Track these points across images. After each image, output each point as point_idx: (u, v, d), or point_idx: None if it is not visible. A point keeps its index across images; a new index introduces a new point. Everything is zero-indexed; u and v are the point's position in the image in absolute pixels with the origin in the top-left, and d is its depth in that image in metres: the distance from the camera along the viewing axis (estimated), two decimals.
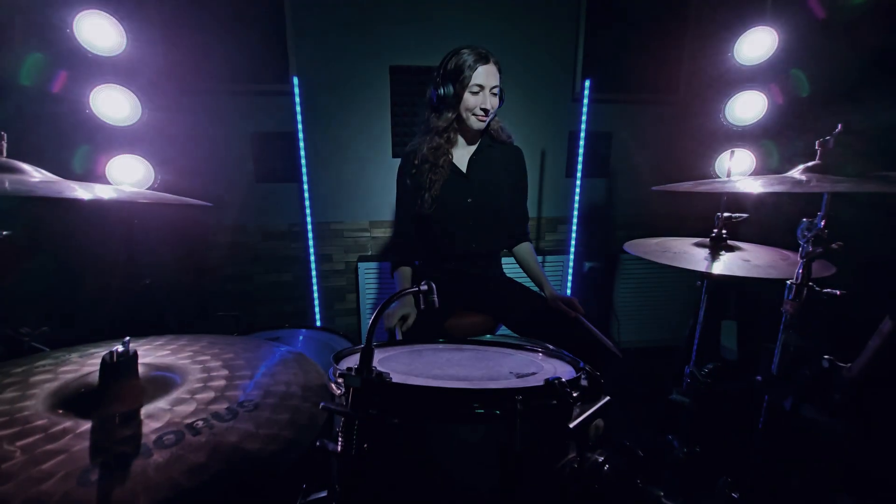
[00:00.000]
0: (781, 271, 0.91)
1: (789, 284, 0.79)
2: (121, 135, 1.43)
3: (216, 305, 2.53)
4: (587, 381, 0.59)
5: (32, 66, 1.32)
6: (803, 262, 0.76)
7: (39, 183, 0.70)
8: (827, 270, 0.96)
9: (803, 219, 0.75)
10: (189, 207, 2.19)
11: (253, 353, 0.86)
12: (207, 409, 0.63)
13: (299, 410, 0.68)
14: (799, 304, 0.77)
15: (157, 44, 1.86)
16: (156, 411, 0.62)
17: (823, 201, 0.77)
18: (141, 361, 0.72)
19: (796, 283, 0.78)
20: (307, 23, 2.32)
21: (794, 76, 1.52)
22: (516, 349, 0.82)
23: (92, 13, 1.29)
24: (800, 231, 0.76)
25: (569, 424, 0.48)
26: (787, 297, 0.79)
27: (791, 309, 0.78)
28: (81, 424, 0.58)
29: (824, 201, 0.77)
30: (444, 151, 1.54)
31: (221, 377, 0.73)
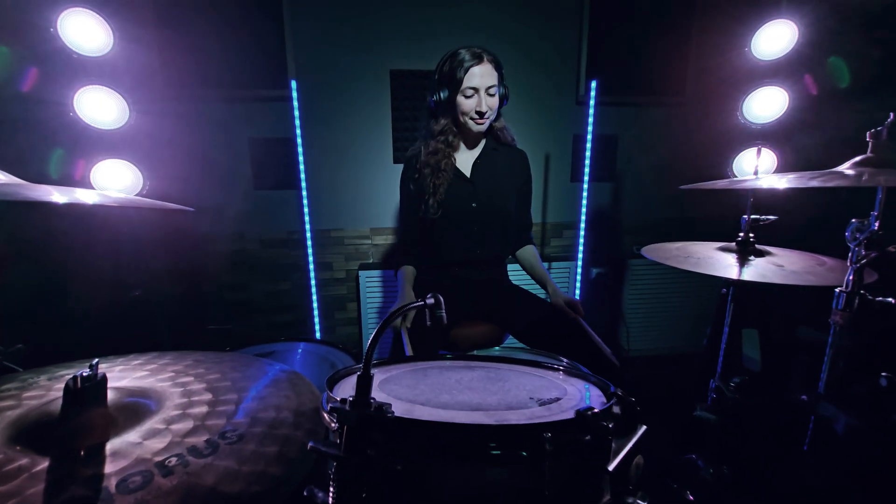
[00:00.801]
0: (821, 278, 0.82)
1: (838, 293, 0.71)
2: (107, 138, 1.36)
3: (213, 315, 2.46)
4: (620, 408, 0.51)
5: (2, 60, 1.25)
6: (854, 267, 0.69)
7: (3, 186, 0.63)
8: (868, 276, 0.88)
9: (853, 220, 0.68)
10: (184, 215, 2.13)
11: (241, 373, 0.78)
12: (183, 442, 0.55)
13: (290, 441, 0.60)
14: (850, 315, 0.69)
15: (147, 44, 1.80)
16: (123, 446, 0.54)
17: (877, 199, 0.69)
18: (113, 385, 0.65)
19: (846, 292, 0.70)
20: (306, 25, 2.28)
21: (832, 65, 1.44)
22: (531, 366, 0.74)
23: (77, 11, 1.23)
24: (849, 233, 0.68)
25: (608, 466, 0.40)
26: (837, 306, 0.71)
27: (841, 320, 0.70)
28: (39, 462, 0.51)
29: (878, 199, 0.69)
30: (445, 155, 1.48)
31: (203, 402, 0.65)
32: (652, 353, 2.75)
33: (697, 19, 2.53)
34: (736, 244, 1.04)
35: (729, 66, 1.64)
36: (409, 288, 1.49)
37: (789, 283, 0.85)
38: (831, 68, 1.45)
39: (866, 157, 0.71)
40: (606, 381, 0.58)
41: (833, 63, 1.45)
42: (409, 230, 1.58)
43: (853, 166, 0.71)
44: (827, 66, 1.45)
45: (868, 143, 0.70)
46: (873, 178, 0.63)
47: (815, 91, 1.49)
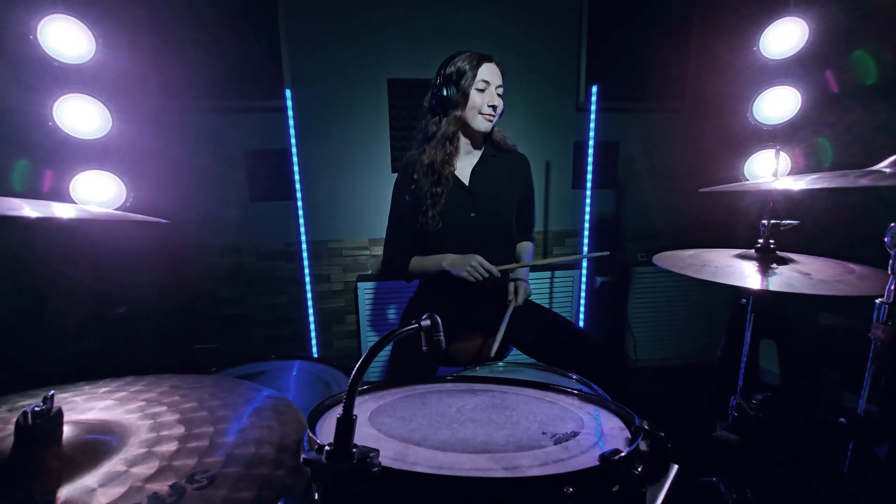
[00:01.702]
0: (854, 287, 0.76)
1: (879, 304, 0.64)
2: (88, 149, 1.31)
3: (208, 331, 2.39)
4: (647, 444, 0.44)
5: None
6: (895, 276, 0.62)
7: None
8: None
9: (892, 223, 0.61)
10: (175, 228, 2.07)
11: (221, 400, 0.71)
12: (144, 488, 0.47)
13: (269, 483, 0.53)
14: (893, 328, 0.63)
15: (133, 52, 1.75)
16: (77, 493, 0.47)
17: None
18: (72, 419, 0.58)
19: (888, 303, 0.63)
20: (302, 34, 2.25)
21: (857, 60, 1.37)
22: (541, 389, 0.67)
23: (58, 18, 1.19)
24: (889, 237, 0.61)
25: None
26: (878, 320, 0.64)
27: (883, 335, 0.63)
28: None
29: None
30: (447, 163, 1.42)
31: (174, 437, 0.58)
32: (660, 364, 2.67)
33: (698, 21, 2.51)
34: (755, 251, 0.98)
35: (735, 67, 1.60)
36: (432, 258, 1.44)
37: (820, 294, 0.78)
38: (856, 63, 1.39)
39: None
40: (630, 411, 0.51)
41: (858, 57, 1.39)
42: (400, 239, 1.50)
43: (893, 164, 0.65)
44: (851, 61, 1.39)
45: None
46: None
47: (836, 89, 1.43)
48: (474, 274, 1.33)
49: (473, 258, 1.33)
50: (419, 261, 1.47)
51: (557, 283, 2.53)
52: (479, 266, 1.33)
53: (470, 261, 1.33)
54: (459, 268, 1.34)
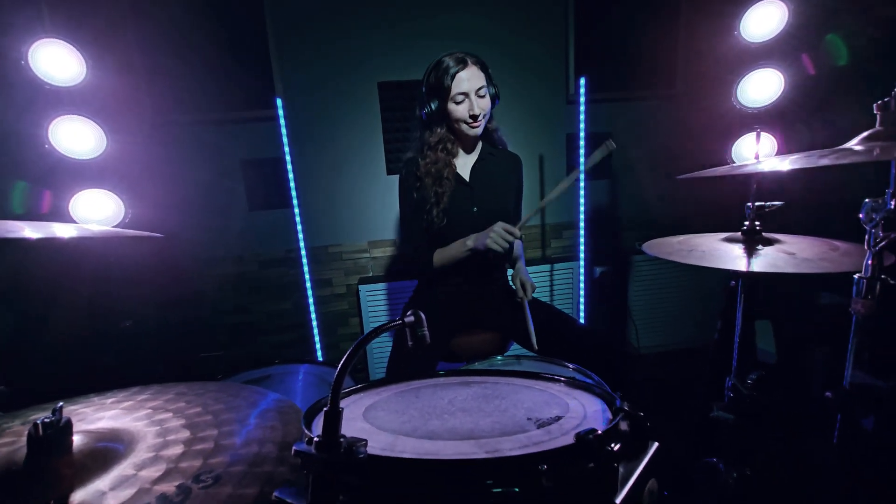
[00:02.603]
0: (837, 264, 0.77)
1: (858, 279, 0.66)
2: (85, 169, 1.34)
3: (213, 340, 2.42)
4: (628, 424, 0.46)
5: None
6: (873, 251, 0.64)
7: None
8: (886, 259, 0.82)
9: (866, 199, 0.63)
10: (177, 242, 2.11)
11: (225, 404, 0.73)
12: (152, 490, 0.50)
13: (273, 480, 0.55)
14: (872, 303, 0.64)
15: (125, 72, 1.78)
16: (89, 497, 0.49)
17: (892, 175, 0.64)
18: (82, 429, 0.61)
19: (867, 278, 0.65)
20: (291, 44, 2.27)
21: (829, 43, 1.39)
22: (531, 378, 0.69)
23: (48, 42, 1.22)
24: (864, 214, 0.63)
25: (615, 499, 0.35)
26: (857, 294, 0.66)
27: (863, 309, 0.65)
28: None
29: (893, 175, 0.64)
30: (446, 163, 1.46)
31: (179, 441, 0.60)
32: (662, 350, 2.69)
33: (685, 6, 2.51)
34: (742, 234, 0.99)
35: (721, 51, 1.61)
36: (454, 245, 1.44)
37: (804, 272, 0.80)
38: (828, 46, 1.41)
39: (876, 130, 0.66)
40: (612, 392, 0.53)
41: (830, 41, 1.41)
42: (416, 236, 1.51)
43: (863, 141, 0.66)
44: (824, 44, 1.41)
45: (876, 115, 0.66)
46: (887, 152, 0.59)
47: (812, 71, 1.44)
48: (499, 241, 1.32)
49: (495, 226, 1.33)
50: (442, 252, 1.47)
51: (557, 275, 2.54)
52: (501, 231, 1.32)
53: (492, 230, 1.33)
54: (483, 239, 1.34)
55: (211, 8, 2.05)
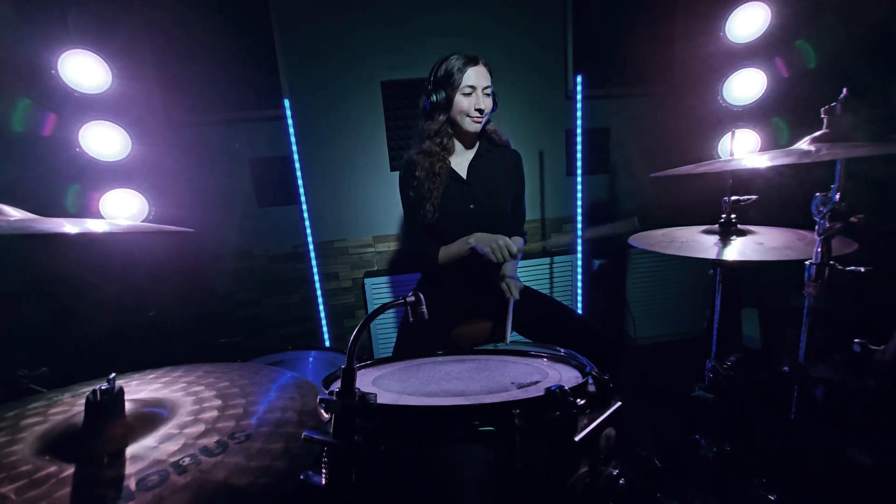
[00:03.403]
0: (800, 252, 0.85)
1: (808, 265, 0.74)
2: (113, 170, 1.44)
3: (227, 332, 2.53)
4: (595, 387, 0.54)
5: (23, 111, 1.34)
6: (821, 239, 0.71)
7: (16, 221, 0.69)
8: (848, 247, 0.90)
9: (816, 193, 0.70)
10: (193, 238, 2.21)
11: (249, 380, 0.83)
12: (196, 444, 0.59)
13: (294, 438, 0.64)
14: (822, 286, 0.72)
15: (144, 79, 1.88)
16: (141, 450, 0.59)
17: (837, 172, 0.71)
18: (130, 398, 0.70)
19: (816, 263, 0.72)
20: (296, 46, 2.35)
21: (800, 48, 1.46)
22: (521, 356, 0.78)
23: (75, 53, 1.31)
24: (814, 206, 0.70)
25: (574, 437, 0.43)
26: (808, 279, 0.73)
27: (814, 291, 0.73)
28: (66, 469, 0.56)
29: (837, 172, 0.71)
30: (440, 158, 1.50)
31: (214, 408, 0.70)
32: (659, 340, 2.76)
33: (682, 4, 2.55)
34: (719, 226, 1.07)
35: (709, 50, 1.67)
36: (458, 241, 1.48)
37: (769, 259, 0.87)
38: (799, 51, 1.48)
39: (823, 132, 0.73)
40: (585, 362, 0.62)
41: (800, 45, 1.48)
42: (417, 231, 1.58)
43: (811, 142, 0.74)
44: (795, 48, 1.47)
45: (823, 118, 0.73)
46: (831, 152, 0.66)
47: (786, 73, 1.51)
48: (497, 253, 1.35)
49: (500, 238, 1.37)
50: (446, 249, 1.52)
51: (556, 268, 2.61)
52: (503, 247, 1.35)
53: (497, 240, 1.36)
54: (485, 244, 1.38)
55: (219, 14, 2.13)
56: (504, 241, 1.36)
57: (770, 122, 1.52)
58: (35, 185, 1.09)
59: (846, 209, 0.68)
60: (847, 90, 0.70)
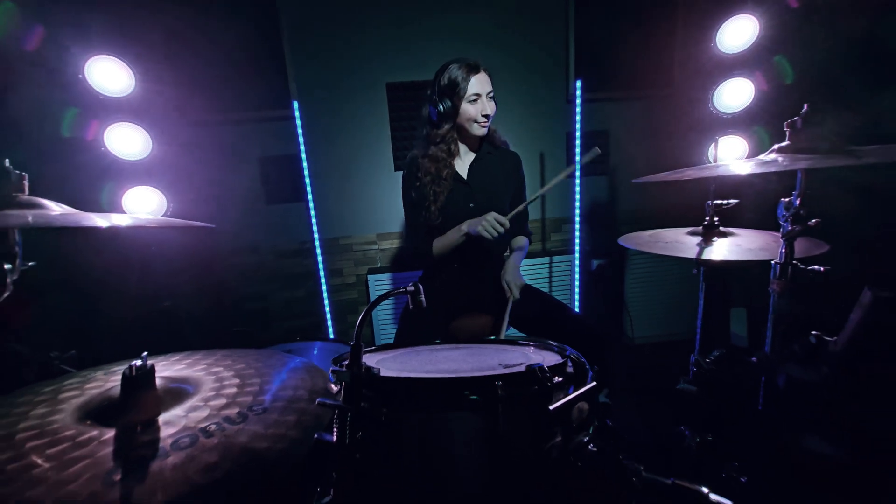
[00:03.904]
0: (773, 253, 0.91)
1: (774, 264, 0.80)
2: (134, 168, 1.53)
3: (235, 324, 2.61)
4: (573, 369, 0.62)
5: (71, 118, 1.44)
6: (785, 241, 0.78)
7: (59, 216, 0.77)
8: (819, 248, 0.97)
9: (782, 199, 0.77)
10: (204, 233, 2.29)
11: (263, 363, 0.90)
12: (219, 414, 0.67)
13: (306, 412, 0.72)
14: (785, 283, 0.78)
15: (163, 82, 1.98)
16: (172, 418, 0.66)
17: (798, 180, 0.78)
18: (158, 375, 0.78)
19: (780, 263, 0.79)
20: (304, 48, 2.42)
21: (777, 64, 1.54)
22: (512, 345, 0.85)
23: (101, 58, 1.40)
24: (780, 211, 0.77)
25: (549, 407, 0.50)
26: (774, 276, 0.80)
27: (778, 288, 0.79)
28: (106, 433, 0.64)
29: (798, 180, 0.78)
30: (446, 164, 1.57)
31: (233, 385, 0.77)
32: (655, 340, 2.81)
33: (682, 10, 2.60)
34: (703, 228, 1.14)
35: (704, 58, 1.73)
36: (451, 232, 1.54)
37: (745, 259, 0.94)
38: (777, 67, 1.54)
39: (786, 144, 0.80)
40: (568, 349, 0.69)
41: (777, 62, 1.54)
42: (417, 230, 1.64)
43: (775, 152, 0.80)
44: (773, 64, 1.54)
45: (786, 131, 0.80)
46: (791, 162, 0.73)
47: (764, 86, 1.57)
48: (489, 229, 1.41)
49: (489, 215, 1.42)
50: (440, 240, 1.58)
51: (555, 268, 2.68)
52: (493, 221, 1.41)
53: (485, 218, 1.42)
54: (476, 225, 1.44)
55: (231, 20, 2.21)
56: (492, 216, 1.41)
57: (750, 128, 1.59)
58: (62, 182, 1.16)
59: (807, 214, 0.75)
60: (808, 106, 0.77)
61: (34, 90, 1.39)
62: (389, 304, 2.59)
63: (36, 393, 0.77)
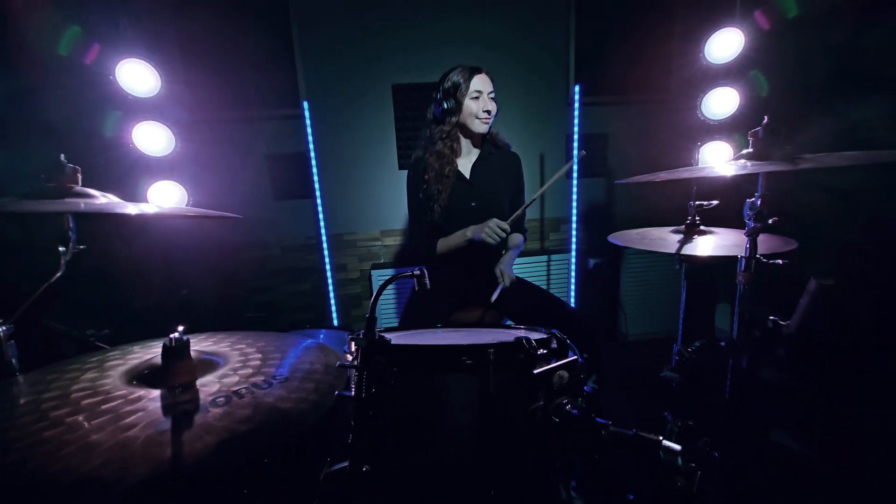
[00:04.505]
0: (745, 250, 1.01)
1: (740, 258, 0.90)
2: (159, 164, 1.64)
3: (243, 316, 2.71)
4: (557, 345, 0.71)
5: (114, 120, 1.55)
6: (749, 237, 0.87)
7: (105, 204, 0.86)
8: (789, 245, 1.06)
9: (747, 199, 0.86)
10: (217, 227, 2.39)
11: (281, 342, 1.00)
12: (248, 380, 0.77)
13: (322, 382, 0.82)
14: (750, 275, 0.88)
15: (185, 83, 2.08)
16: (207, 383, 0.76)
17: (759, 182, 0.87)
18: (193, 349, 0.88)
19: (745, 257, 0.88)
20: (314, 51, 2.52)
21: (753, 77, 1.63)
22: (506, 329, 0.95)
23: (131, 61, 1.50)
24: (745, 210, 0.86)
25: (533, 371, 0.60)
26: (740, 269, 0.89)
27: (744, 280, 0.89)
28: (152, 392, 0.74)
29: (759, 182, 0.87)
30: (449, 161, 1.65)
31: (256, 359, 0.87)
32: (649, 337, 2.89)
33: (679, 20, 2.69)
34: (685, 227, 1.23)
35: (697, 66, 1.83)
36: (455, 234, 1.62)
37: (718, 255, 1.04)
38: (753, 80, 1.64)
39: (749, 151, 0.89)
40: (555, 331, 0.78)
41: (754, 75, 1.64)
42: (420, 228, 1.73)
43: (739, 158, 0.90)
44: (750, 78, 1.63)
45: (749, 140, 0.89)
46: (756, 167, 0.82)
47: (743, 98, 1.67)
48: (492, 234, 1.50)
49: (490, 222, 1.52)
50: (444, 241, 1.67)
51: (553, 266, 2.76)
52: (495, 227, 1.50)
53: (488, 224, 1.51)
54: (480, 232, 1.53)
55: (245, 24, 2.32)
56: (494, 222, 1.51)
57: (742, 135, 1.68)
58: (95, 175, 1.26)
59: (768, 213, 0.84)
60: (767, 118, 0.86)
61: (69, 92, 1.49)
62: (391, 299, 2.68)
63: (83, 362, 0.87)
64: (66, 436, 0.61)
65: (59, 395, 0.75)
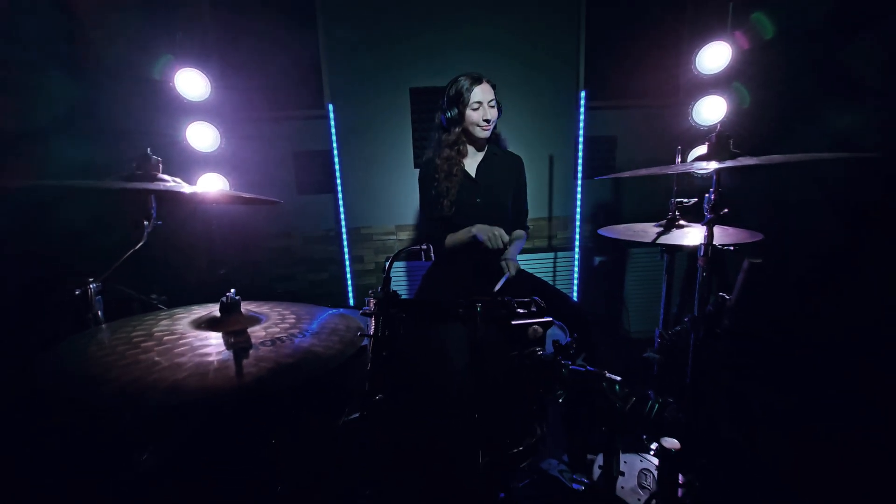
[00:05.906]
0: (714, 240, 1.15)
1: (700, 246, 1.04)
2: (206, 158, 1.87)
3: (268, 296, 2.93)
4: (536, 309, 0.88)
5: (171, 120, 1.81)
6: (706, 227, 1.02)
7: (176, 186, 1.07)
8: (755, 237, 1.21)
9: (705, 194, 1.01)
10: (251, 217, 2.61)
11: (310, 309, 1.20)
12: (286, 332, 0.96)
13: (345, 337, 1.01)
14: (707, 260, 1.02)
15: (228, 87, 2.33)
16: (255, 332, 0.96)
17: (713, 179, 1.02)
18: None
19: (704, 244, 1.03)
20: (338, 55, 2.71)
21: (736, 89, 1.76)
22: None
23: (187, 70, 1.73)
24: (705, 204, 1.01)
25: (511, 322, 0.77)
26: (699, 254, 1.04)
27: (702, 264, 1.04)
28: (215, 335, 0.93)
29: (714, 180, 1.02)
30: (456, 162, 1.83)
31: (292, 318, 1.07)
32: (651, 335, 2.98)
33: (689, 22, 2.79)
34: (665, 221, 1.38)
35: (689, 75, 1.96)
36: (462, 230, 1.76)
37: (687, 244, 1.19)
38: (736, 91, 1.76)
39: (706, 153, 1.04)
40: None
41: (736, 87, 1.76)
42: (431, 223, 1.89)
43: (696, 160, 1.04)
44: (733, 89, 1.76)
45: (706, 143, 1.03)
46: (710, 167, 0.97)
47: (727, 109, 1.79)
48: (494, 241, 1.63)
49: (496, 229, 1.66)
50: (452, 236, 1.82)
51: (559, 263, 2.90)
52: (499, 236, 1.63)
53: (494, 230, 1.64)
54: (484, 233, 1.66)
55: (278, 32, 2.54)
56: (499, 231, 1.66)
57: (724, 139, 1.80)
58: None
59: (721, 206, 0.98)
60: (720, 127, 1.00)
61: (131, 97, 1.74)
62: (402, 291, 2.86)
63: (156, 315, 1.08)
64: (157, 357, 0.81)
65: (144, 333, 0.96)
